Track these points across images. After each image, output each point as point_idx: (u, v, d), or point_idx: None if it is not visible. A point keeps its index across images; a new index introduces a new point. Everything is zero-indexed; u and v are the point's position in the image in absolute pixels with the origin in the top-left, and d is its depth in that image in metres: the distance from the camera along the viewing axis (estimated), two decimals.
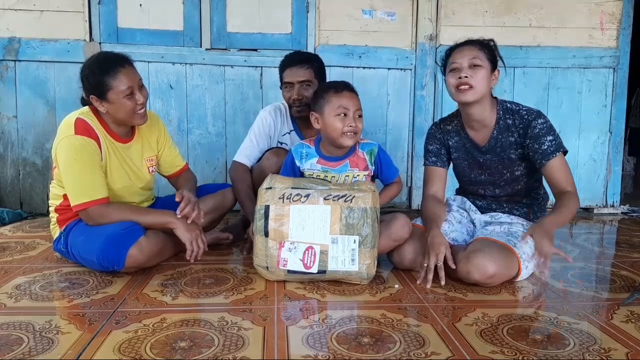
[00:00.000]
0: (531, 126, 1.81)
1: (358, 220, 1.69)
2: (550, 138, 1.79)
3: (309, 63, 2.26)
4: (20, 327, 1.36)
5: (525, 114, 1.84)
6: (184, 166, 2.22)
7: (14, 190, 3.05)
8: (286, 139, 2.37)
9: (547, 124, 1.82)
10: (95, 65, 1.81)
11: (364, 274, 1.70)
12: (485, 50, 1.83)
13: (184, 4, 3.04)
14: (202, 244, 1.88)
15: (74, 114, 1.87)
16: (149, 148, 2.05)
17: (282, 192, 1.74)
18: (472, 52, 1.82)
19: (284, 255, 1.70)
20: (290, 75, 2.25)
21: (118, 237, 1.75)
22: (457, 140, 1.99)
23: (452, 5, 3.19)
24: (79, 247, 1.83)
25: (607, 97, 3.33)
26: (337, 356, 1.21)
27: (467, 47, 1.84)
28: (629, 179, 4.61)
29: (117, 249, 1.74)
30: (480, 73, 1.79)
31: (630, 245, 2.45)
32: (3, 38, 2.93)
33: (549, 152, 1.79)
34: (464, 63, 1.81)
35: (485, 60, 1.81)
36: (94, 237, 1.78)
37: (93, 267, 1.85)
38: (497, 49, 1.88)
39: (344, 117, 1.85)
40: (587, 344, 1.30)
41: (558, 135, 1.82)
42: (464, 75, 1.79)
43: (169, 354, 1.21)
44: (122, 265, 1.75)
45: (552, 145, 1.79)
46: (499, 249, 1.73)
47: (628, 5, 3.27)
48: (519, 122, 1.84)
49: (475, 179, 1.98)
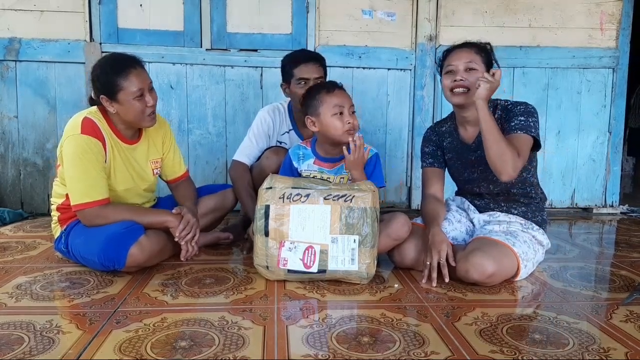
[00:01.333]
0: (511, 111, 1.84)
1: (358, 219, 1.69)
2: (522, 119, 1.80)
3: (320, 61, 2.31)
4: (20, 327, 1.36)
5: (510, 106, 1.87)
6: (184, 174, 2.21)
7: (15, 190, 3.05)
8: (285, 138, 2.38)
9: (527, 109, 1.83)
10: (107, 66, 1.82)
11: (364, 274, 1.70)
12: (481, 54, 1.85)
13: (184, 4, 3.05)
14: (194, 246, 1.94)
15: (82, 113, 1.87)
16: (154, 150, 2.06)
17: (282, 191, 1.74)
18: (468, 56, 1.84)
19: (284, 254, 1.70)
20: (306, 71, 2.24)
21: (119, 236, 1.75)
22: (449, 141, 2.02)
23: (451, 5, 3.20)
24: (79, 247, 1.83)
25: (606, 97, 3.33)
26: (337, 356, 1.21)
27: (464, 50, 1.86)
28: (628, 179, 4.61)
29: (117, 248, 1.74)
30: (475, 76, 1.80)
31: (629, 245, 2.46)
32: (3, 38, 2.93)
33: (513, 128, 1.79)
34: (459, 66, 1.83)
35: (480, 64, 1.83)
36: (95, 237, 1.78)
37: (94, 267, 1.85)
38: (493, 52, 1.90)
39: (340, 115, 1.87)
40: (587, 344, 1.30)
41: (533, 121, 1.80)
42: (459, 78, 1.81)
43: (170, 354, 1.21)
44: (123, 264, 1.76)
45: (519, 124, 1.79)
46: (498, 248, 1.74)
47: (627, 6, 3.27)
48: (505, 114, 1.86)
49: (468, 177, 1.99)
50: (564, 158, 3.35)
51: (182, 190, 2.18)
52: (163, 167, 2.14)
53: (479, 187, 1.98)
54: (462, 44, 1.90)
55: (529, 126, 1.79)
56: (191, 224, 1.92)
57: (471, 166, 1.97)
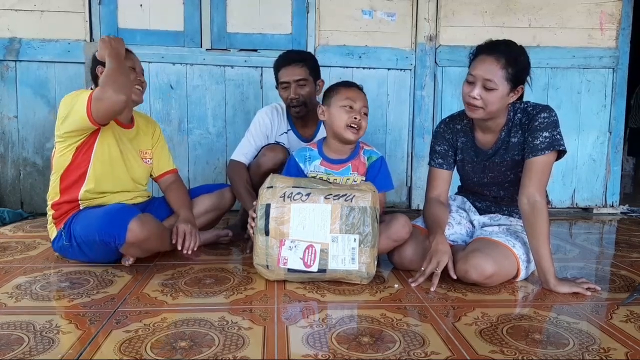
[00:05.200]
0: (533, 119, 1.75)
1: (358, 219, 1.69)
2: (546, 134, 1.72)
3: (303, 61, 2.27)
4: (20, 327, 1.36)
5: (531, 110, 1.78)
6: (172, 170, 2.24)
7: (15, 190, 3.05)
8: (283, 139, 2.38)
9: (549, 119, 1.73)
10: None
11: (364, 273, 1.70)
12: (508, 70, 1.66)
13: (184, 4, 3.05)
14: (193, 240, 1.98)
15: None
16: (144, 140, 2.14)
17: (282, 190, 1.74)
18: (491, 70, 1.66)
19: (284, 253, 1.70)
20: (285, 74, 2.25)
21: (118, 212, 1.81)
22: (464, 141, 1.94)
23: (451, 5, 3.20)
24: (81, 232, 1.85)
25: (606, 97, 3.33)
26: (337, 356, 1.21)
27: (490, 60, 1.68)
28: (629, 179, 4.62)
29: (118, 222, 1.77)
30: (494, 96, 1.68)
31: (629, 245, 2.46)
32: (4, 38, 2.93)
33: (539, 147, 1.72)
34: (478, 80, 1.69)
35: (502, 82, 1.67)
36: (94, 216, 1.84)
37: (95, 256, 1.88)
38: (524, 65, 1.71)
39: (349, 110, 1.87)
40: (587, 344, 1.30)
41: (558, 133, 1.74)
42: (473, 96, 1.70)
43: (170, 354, 1.21)
44: (123, 239, 1.77)
45: (545, 142, 1.72)
46: (498, 249, 1.73)
47: (627, 6, 3.27)
48: (525, 118, 1.78)
49: (479, 181, 1.95)
50: (564, 158, 3.34)
51: (174, 193, 2.18)
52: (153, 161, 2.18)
53: (489, 190, 1.95)
54: (492, 47, 1.70)
55: (555, 141, 1.72)
56: (188, 231, 1.99)
57: (482, 171, 1.92)
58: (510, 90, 1.71)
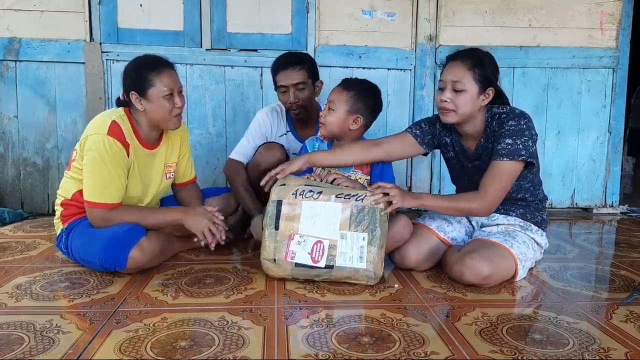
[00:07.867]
0: (502, 126, 1.76)
1: (368, 219, 1.70)
2: (509, 141, 1.71)
3: (302, 64, 2.23)
4: (20, 327, 1.36)
5: (504, 117, 1.77)
6: (193, 179, 2.23)
7: (15, 190, 3.05)
8: (282, 140, 2.38)
9: (517, 127, 1.72)
10: (142, 62, 1.86)
11: (372, 273, 1.69)
12: (475, 71, 1.72)
13: (184, 4, 3.05)
14: (216, 232, 1.89)
15: (109, 115, 1.86)
16: (173, 153, 2.07)
17: (295, 188, 1.77)
18: (458, 72, 1.73)
19: (293, 247, 1.71)
20: (284, 78, 2.22)
21: (119, 238, 1.76)
22: (453, 138, 1.96)
23: (451, 5, 3.20)
24: (79, 249, 1.84)
25: (606, 97, 3.33)
26: (337, 355, 1.22)
27: (456, 64, 1.75)
28: (628, 179, 4.61)
29: (118, 251, 1.74)
30: (463, 98, 1.73)
31: (629, 245, 2.46)
32: (3, 38, 2.93)
33: (499, 153, 1.72)
34: (447, 84, 1.75)
35: (471, 83, 1.72)
36: (95, 239, 1.79)
37: (94, 268, 1.85)
38: (491, 67, 1.77)
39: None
40: (587, 344, 1.30)
41: (522, 142, 1.71)
42: (443, 99, 1.75)
43: (170, 354, 1.21)
44: (124, 266, 1.76)
45: (506, 149, 1.71)
46: (494, 250, 1.73)
47: (628, 6, 3.27)
48: (497, 126, 1.79)
49: (469, 180, 1.96)
50: (564, 158, 3.35)
51: (188, 192, 2.19)
52: (176, 170, 2.14)
53: None
54: (457, 55, 1.78)
55: (516, 150, 1.70)
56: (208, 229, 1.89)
57: (466, 173, 1.96)
58: (479, 91, 1.74)
